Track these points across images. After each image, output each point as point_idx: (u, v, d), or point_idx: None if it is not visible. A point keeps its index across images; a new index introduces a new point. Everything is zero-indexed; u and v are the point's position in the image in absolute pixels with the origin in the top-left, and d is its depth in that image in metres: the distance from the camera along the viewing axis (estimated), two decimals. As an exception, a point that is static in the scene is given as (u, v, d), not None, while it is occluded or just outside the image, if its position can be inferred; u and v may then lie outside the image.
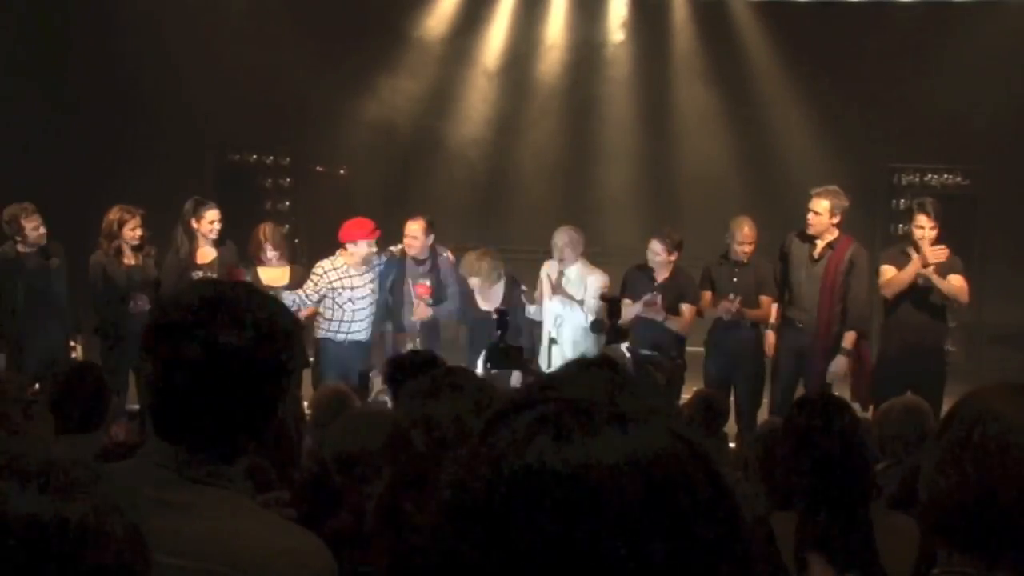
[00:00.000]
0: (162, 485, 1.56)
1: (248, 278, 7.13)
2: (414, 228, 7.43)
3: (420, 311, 7.34)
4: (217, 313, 1.56)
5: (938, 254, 6.72)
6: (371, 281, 7.38)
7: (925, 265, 6.73)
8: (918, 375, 6.71)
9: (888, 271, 6.94)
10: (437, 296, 7.48)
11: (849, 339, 6.93)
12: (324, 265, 7.31)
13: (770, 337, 7.24)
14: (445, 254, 7.67)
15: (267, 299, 1.67)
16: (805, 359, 7.07)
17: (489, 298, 7.42)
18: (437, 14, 11.35)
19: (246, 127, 10.79)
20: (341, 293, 7.23)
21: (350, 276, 7.27)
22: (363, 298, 7.31)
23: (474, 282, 7.35)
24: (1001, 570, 1.47)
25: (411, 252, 7.45)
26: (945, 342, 7.32)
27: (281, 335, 1.60)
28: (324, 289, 7.21)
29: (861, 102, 10.41)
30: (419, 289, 7.36)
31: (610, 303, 6.70)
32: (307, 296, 7.20)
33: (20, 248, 7.26)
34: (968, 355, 9.70)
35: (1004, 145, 9.95)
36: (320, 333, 7.31)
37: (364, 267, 7.32)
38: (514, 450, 0.80)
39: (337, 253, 7.37)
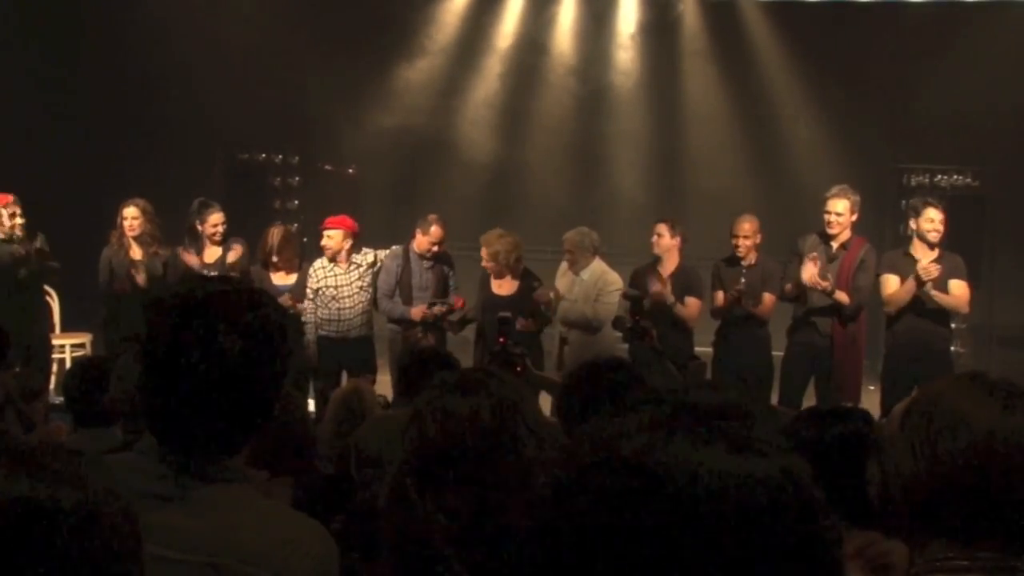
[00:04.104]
0: (162, 481, 1.55)
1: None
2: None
3: (418, 312, 7.35)
4: (207, 314, 1.54)
5: (930, 271, 6.67)
6: (358, 279, 7.42)
7: (920, 284, 6.72)
8: (925, 377, 6.68)
9: (889, 280, 6.93)
10: (442, 293, 7.50)
11: (840, 296, 6.92)
12: (315, 264, 7.48)
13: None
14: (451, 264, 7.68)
15: (259, 297, 1.63)
16: (818, 358, 7.08)
17: (503, 283, 7.40)
18: (446, 13, 11.36)
19: (255, 126, 10.80)
20: (324, 292, 7.37)
21: (335, 275, 7.39)
22: (349, 296, 7.38)
23: (485, 256, 7.27)
24: (982, 550, 1.48)
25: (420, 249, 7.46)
26: (951, 343, 7.32)
27: (273, 333, 1.59)
28: (314, 287, 7.38)
29: (871, 102, 10.39)
30: (458, 302, 7.43)
31: (633, 301, 6.68)
32: (310, 297, 7.37)
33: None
34: (977, 356, 9.68)
35: (1013, 146, 9.92)
36: (320, 332, 7.41)
37: (348, 265, 7.40)
38: (625, 442, 0.82)
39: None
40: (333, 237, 7.36)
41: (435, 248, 7.43)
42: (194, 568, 1.49)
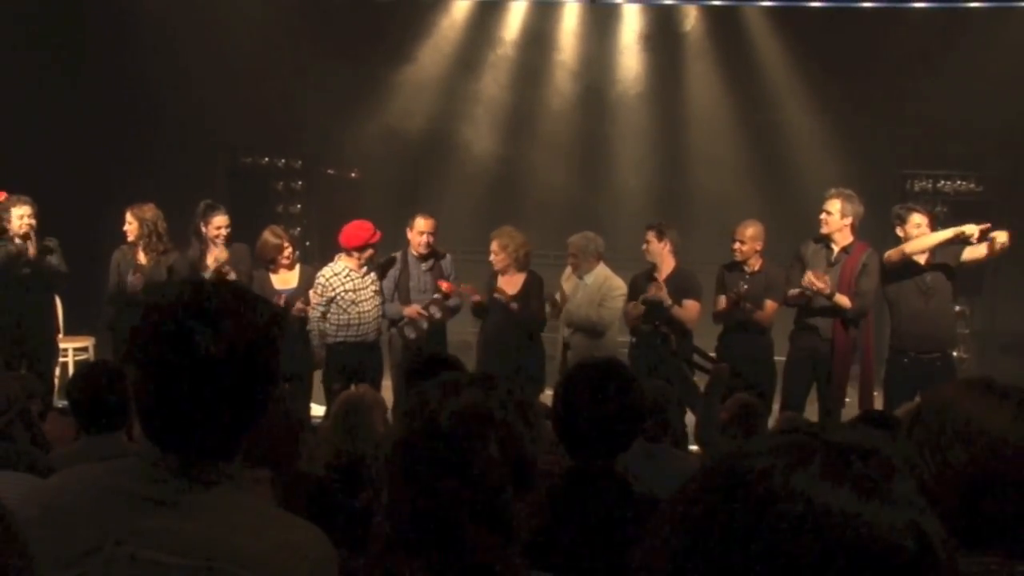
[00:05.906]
0: (158, 485, 1.55)
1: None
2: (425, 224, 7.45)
3: (411, 310, 7.35)
4: (200, 317, 1.53)
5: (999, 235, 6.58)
6: (373, 282, 7.40)
7: (964, 237, 6.57)
8: (928, 381, 6.68)
9: (895, 251, 6.89)
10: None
11: (841, 300, 6.89)
12: (325, 272, 7.34)
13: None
14: (447, 256, 7.70)
15: (252, 300, 1.62)
16: (820, 363, 7.07)
17: (509, 280, 7.39)
18: (448, 17, 11.37)
19: (258, 130, 10.81)
20: (344, 297, 7.26)
21: (352, 279, 7.30)
22: (367, 300, 7.34)
23: (495, 248, 7.28)
24: (988, 556, 1.48)
25: (419, 250, 7.47)
26: (955, 348, 7.31)
27: (263, 334, 1.57)
28: (329, 295, 7.26)
29: (874, 108, 10.38)
30: (444, 284, 7.41)
31: (651, 307, 6.65)
32: (317, 305, 7.27)
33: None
34: (980, 362, 9.67)
35: (1017, 150, 9.92)
36: (329, 339, 7.31)
37: (364, 268, 7.35)
38: (750, 460, 0.81)
39: (336, 257, 7.41)
40: (375, 247, 7.34)
41: (428, 239, 7.41)
42: (191, 572, 1.48)
